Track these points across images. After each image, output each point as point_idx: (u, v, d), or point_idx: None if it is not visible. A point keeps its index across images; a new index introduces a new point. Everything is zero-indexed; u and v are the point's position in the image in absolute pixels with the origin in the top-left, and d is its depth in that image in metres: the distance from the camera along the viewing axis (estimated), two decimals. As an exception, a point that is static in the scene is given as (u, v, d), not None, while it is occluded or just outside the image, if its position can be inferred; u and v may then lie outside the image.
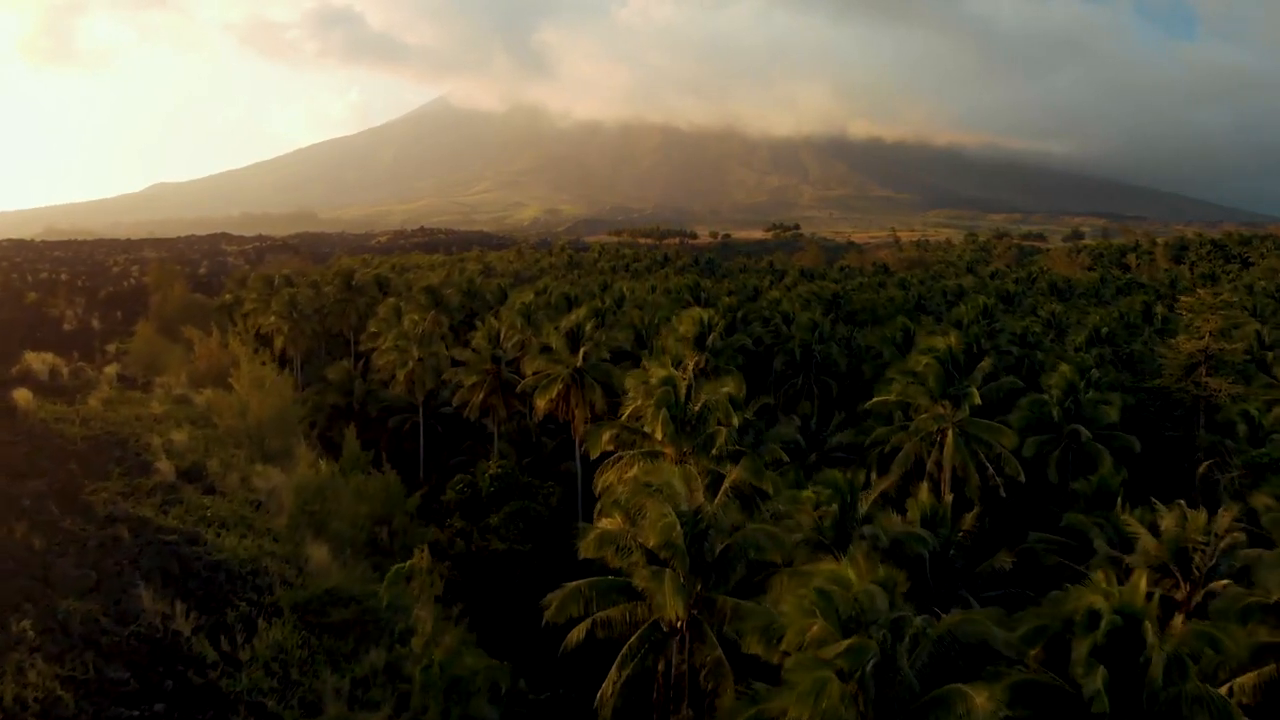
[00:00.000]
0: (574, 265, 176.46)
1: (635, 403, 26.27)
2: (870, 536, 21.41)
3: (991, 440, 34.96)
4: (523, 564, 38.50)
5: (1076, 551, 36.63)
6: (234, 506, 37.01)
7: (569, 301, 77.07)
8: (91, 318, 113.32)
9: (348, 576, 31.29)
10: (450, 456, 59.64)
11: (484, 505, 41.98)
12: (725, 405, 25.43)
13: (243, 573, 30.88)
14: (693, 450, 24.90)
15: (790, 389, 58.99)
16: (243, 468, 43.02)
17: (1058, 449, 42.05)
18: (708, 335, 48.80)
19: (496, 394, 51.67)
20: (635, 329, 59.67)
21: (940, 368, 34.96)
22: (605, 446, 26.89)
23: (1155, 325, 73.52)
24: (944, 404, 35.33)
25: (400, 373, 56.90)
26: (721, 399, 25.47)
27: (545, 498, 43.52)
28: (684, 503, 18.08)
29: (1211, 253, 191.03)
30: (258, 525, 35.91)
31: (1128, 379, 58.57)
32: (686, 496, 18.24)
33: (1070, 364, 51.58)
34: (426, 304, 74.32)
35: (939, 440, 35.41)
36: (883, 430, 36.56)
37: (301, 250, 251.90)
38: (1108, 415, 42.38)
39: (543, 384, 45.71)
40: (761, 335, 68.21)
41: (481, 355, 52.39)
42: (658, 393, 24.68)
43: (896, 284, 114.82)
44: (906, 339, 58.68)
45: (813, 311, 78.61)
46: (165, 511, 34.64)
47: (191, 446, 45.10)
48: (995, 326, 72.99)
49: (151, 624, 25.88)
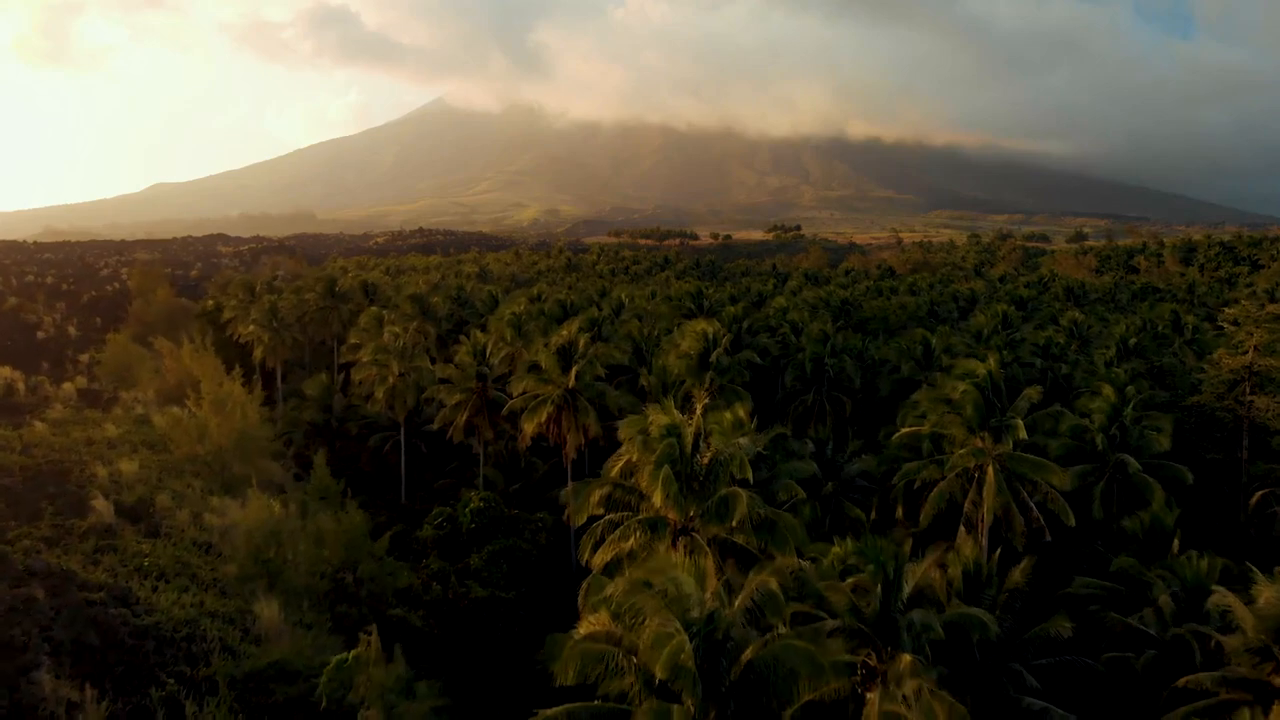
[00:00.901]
0: (572, 268, 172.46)
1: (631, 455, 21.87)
2: (921, 627, 17.30)
3: (1037, 478, 30.77)
4: (506, 613, 34.30)
5: (1128, 600, 32.54)
6: (178, 552, 32.80)
7: (564, 309, 72.91)
8: (69, 324, 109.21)
9: (300, 642, 27.11)
10: (435, 478, 55.51)
11: (464, 543, 37.77)
12: (741, 458, 21.08)
13: (176, 638, 26.67)
14: (701, 515, 20.53)
15: (800, 406, 54.77)
16: (197, 502, 38.84)
17: (1102, 481, 37.83)
18: (712, 351, 44.63)
19: (482, 414, 47.45)
20: (634, 342, 55.43)
21: (979, 395, 30.76)
22: (594, 510, 22.51)
23: (1186, 336, 69.28)
24: (983, 436, 31.13)
25: (379, 389, 52.66)
26: (737, 452, 21.11)
27: (533, 534, 39.31)
28: (694, 606, 13.95)
29: (1220, 254, 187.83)
30: (203, 575, 31.70)
31: (1162, 396, 54.37)
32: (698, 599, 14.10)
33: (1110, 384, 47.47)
34: (412, 313, 69.99)
35: (977, 478, 31.22)
36: (913, 465, 32.35)
37: (297, 252, 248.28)
38: (1157, 443, 38.18)
39: (531, 406, 41.48)
40: (768, 346, 64.03)
41: (466, 372, 48.14)
42: (659, 447, 20.29)
43: (907, 289, 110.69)
44: (926, 352, 54.48)
45: (822, 320, 74.51)
46: (96, 561, 30.48)
47: (142, 477, 40.94)
48: (1015, 337, 68.90)
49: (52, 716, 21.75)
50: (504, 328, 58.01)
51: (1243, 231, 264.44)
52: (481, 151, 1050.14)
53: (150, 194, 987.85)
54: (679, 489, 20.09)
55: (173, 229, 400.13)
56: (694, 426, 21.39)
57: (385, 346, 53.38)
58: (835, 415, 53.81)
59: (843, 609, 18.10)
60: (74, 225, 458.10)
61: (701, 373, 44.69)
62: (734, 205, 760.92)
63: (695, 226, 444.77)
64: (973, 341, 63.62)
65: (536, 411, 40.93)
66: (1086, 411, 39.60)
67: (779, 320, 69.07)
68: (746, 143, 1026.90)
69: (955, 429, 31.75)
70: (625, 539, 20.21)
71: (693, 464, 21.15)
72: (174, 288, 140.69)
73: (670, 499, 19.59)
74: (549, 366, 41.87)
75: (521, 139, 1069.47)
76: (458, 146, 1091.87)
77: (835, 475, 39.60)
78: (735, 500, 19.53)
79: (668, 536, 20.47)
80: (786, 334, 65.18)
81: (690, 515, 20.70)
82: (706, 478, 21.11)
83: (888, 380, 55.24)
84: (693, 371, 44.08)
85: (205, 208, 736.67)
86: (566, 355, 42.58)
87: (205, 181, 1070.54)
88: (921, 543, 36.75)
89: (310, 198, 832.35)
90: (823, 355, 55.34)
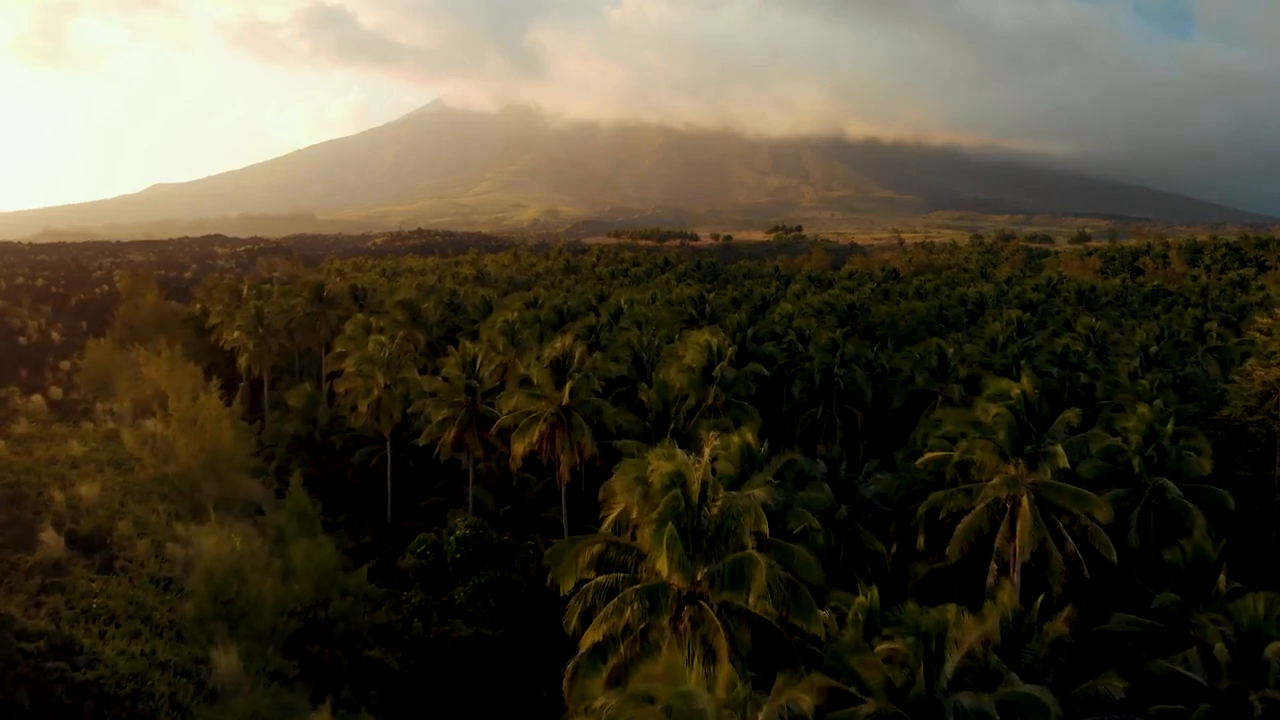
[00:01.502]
0: (571, 270, 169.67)
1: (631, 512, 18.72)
2: (972, 714, 14.54)
3: (1076, 510, 27.97)
4: (493, 654, 31.48)
5: (1169, 640, 29.85)
6: (133, 590, 29.93)
7: (561, 316, 70.08)
8: (53, 329, 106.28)
9: (259, 700, 24.30)
10: (423, 494, 52.69)
11: (449, 575, 34.95)
12: (757, 510, 18.03)
13: (120, 695, 23.83)
14: (710, 579, 17.52)
15: (808, 419, 51.98)
16: (161, 529, 35.97)
17: (1138, 507, 35.01)
18: (716, 364, 41.85)
19: (471, 430, 44.58)
20: (633, 352, 52.57)
21: (1013, 419, 27.98)
22: (583, 574, 19.41)
23: (1209, 344, 66.41)
24: (1017, 463, 28.33)
25: (363, 402, 49.81)
26: (752, 504, 18.11)
27: (524, 563, 36.45)
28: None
29: (1227, 255, 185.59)
30: (158, 616, 28.83)
31: (1190, 409, 51.53)
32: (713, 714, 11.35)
33: (1141, 399, 44.72)
34: (402, 319, 67.03)
35: (1010, 509, 28.41)
36: (939, 495, 29.53)
37: (294, 253, 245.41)
38: (1198, 466, 35.40)
39: (522, 424, 38.63)
40: (774, 354, 61.25)
41: (454, 385, 45.29)
42: (663, 502, 17.38)
43: (914, 293, 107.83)
44: (942, 363, 51.63)
45: (828, 326, 71.74)
46: (39, 604, 27.60)
47: (103, 501, 38.01)
48: (1031, 344, 66.10)
49: (-40, 800, 18.93)
50: (496, 336, 55.16)
51: (1248, 233, 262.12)
52: (481, 152, 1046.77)
53: (150, 194, 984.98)
54: (685, 550, 17.18)
55: (172, 229, 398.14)
56: (702, 472, 18.46)
57: (370, 357, 50.52)
58: (846, 429, 51.03)
59: (878, 687, 15.39)
60: (74, 226, 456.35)
61: (705, 387, 41.90)
62: (734, 205, 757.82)
63: (695, 227, 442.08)
64: (987, 350, 60.87)
65: (528, 430, 38.10)
66: (1120, 430, 36.78)
67: (785, 327, 66.29)
68: (746, 143, 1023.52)
69: (986, 455, 28.95)
70: (621, 612, 17.32)
71: (700, 516, 18.16)
72: (165, 291, 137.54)
73: (676, 563, 16.70)
74: (541, 381, 39.04)
75: (520, 139, 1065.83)
76: (457, 147, 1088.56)
77: (850, 498, 36.79)
78: (752, 569, 16.58)
79: (671, 607, 17.55)
80: (793, 342, 62.41)
81: (697, 580, 17.78)
82: (717, 534, 18.19)
83: (901, 392, 52.46)
84: (696, 386, 41.26)
85: (205, 208, 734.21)
86: (560, 369, 39.75)
87: (205, 182, 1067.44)
88: (945, 578, 34.01)
89: (310, 198, 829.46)
90: (832, 365, 52.55)
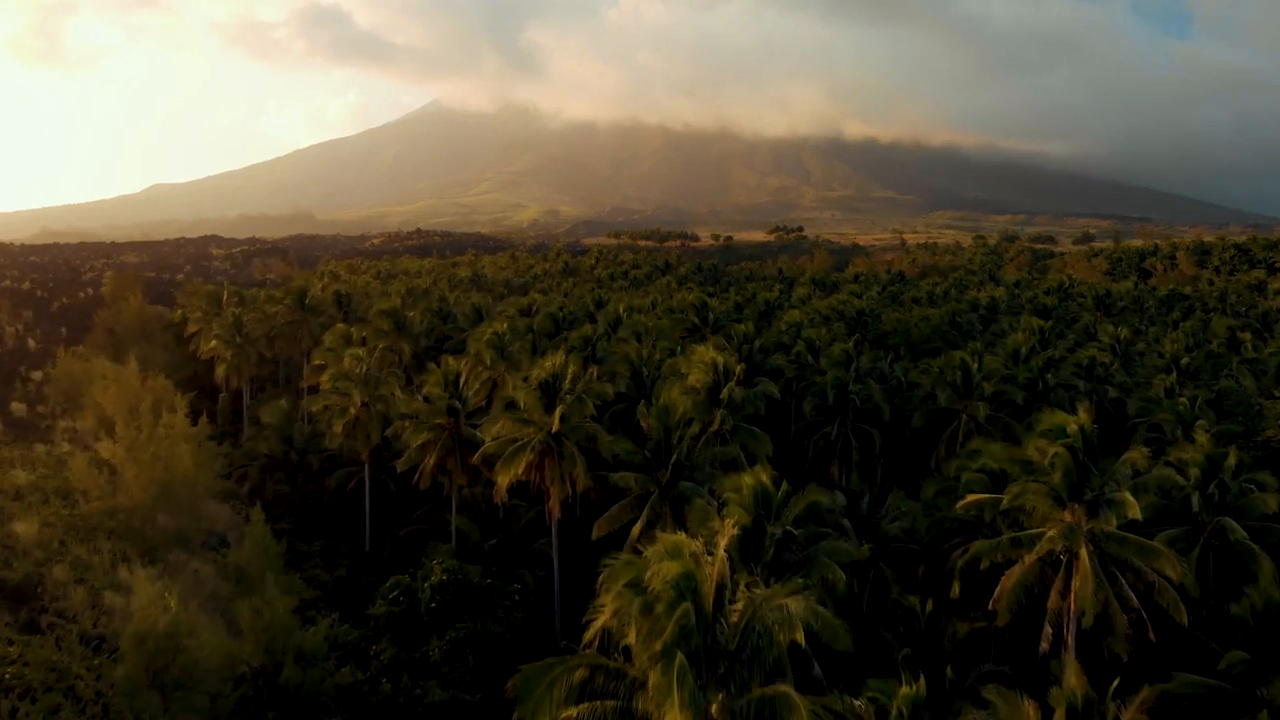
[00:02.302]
0: (570, 272, 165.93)
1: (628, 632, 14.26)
2: None
3: (1142, 565, 24.19)
4: (471, 722, 27.65)
5: (1235, 703, 26.20)
6: (57, 655, 26.09)
7: (556, 324, 66.19)
8: (30, 336, 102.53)
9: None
10: (404, 520, 48.83)
11: (424, 625, 31.12)
12: (790, 620, 13.83)
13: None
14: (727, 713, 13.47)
15: (821, 440, 48.17)
16: (101, 574, 32.11)
17: (1196, 548, 31.17)
18: (723, 386, 38.06)
19: (454, 455, 40.72)
20: (632, 366, 48.70)
21: (1071, 459, 24.22)
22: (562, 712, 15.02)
23: (1244, 355, 62.55)
24: (1073, 509, 24.53)
25: (338, 422, 45.96)
26: (784, 617, 13.67)
27: (508, 612, 32.61)
28: None
29: (1236, 256, 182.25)
30: (82, 687, 24.91)
31: (1234, 428, 47.67)
32: None
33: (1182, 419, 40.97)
34: (387, 329, 63.07)
35: (1065, 562, 24.62)
36: (983, 546, 25.63)
37: (291, 254, 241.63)
38: (1263, 503, 31.55)
39: (507, 453, 34.80)
40: (783, 367, 57.46)
41: (435, 406, 41.44)
42: (670, 624, 12.97)
43: (925, 298, 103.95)
44: (965, 378, 47.71)
45: (838, 335, 67.94)
46: (-63, 675, 23.89)
47: (41, 540, 34.07)
48: (1054, 355, 62.34)
49: None
50: (484, 349, 51.22)
51: (1255, 233, 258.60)
52: (480, 152, 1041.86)
53: (149, 194, 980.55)
54: (695, 684, 13.19)
55: (171, 230, 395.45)
56: (718, 567, 14.36)
57: (346, 373, 46.67)
58: (862, 450, 47.24)
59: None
60: (72, 226, 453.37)
61: (711, 410, 38.07)
62: (735, 206, 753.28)
63: (696, 227, 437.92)
64: (1009, 362, 57.01)
65: (513, 460, 34.27)
66: (1175, 461, 32.94)
67: (793, 338, 62.47)
68: (746, 143, 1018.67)
69: (1038, 499, 25.13)
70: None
71: (715, 629, 14.15)
72: (153, 294, 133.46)
73: (686, 702, 12.60)
74: (529, 405, 35.22)
75: (520, 140, 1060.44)
76: (456, 147, 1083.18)
77: (873, 534, 33.01)
78: (788, 714, 12.63)
79: None
80: (802, 353, 58.57)
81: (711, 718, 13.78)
82: (738, 654, 14.17)
83: (921, 410, 48.56)
84: (701, 410, 37.45)
85: (204, 208, 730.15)
86: (550, 391, 35.91)
87: (204, 182, 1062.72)
88: (988, 638, 30.19)
89: (309, 198, 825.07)
90: (846, 381, 48.71)
